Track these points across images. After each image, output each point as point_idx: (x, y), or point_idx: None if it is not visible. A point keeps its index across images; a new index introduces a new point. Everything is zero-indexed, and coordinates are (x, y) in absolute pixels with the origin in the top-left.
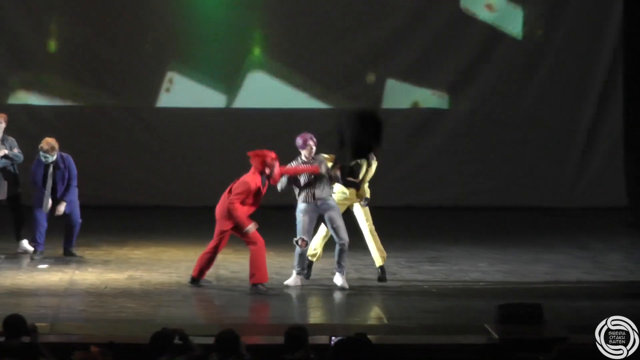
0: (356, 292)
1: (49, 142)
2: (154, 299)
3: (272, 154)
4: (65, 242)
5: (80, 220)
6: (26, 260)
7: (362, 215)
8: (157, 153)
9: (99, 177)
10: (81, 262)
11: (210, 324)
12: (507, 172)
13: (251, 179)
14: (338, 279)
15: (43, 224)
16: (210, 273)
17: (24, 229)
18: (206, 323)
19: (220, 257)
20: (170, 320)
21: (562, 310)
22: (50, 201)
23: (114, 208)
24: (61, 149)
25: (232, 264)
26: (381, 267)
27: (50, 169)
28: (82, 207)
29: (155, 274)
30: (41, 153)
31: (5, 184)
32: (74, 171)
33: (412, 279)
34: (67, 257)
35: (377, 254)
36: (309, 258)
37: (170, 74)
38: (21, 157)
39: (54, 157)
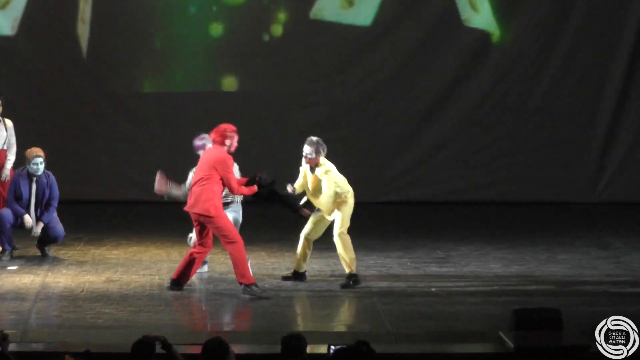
0: (358, 297)
1: (39, 150)
2: (133, 304)
3: (232, 126)
4: (40, 242)
5: (63, 234)
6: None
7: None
8: (136, 142)
9: (72, 168)
10: (54, 262)
11: (196, 331)
12: (519, 164)
13: (222, 151)
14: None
15: (9, 220)
16: (195, 274)
17: None
18: (191, 330)
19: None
20: (151, 327)
21: (582, 315)
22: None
23: (89, 203)
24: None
25: (220, 265)
26: (349, 275)
27: (34, 184)
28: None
29: (134, 276)
30: (33, 162)
31: None
32: (57, 192)
33: (418, 281)
34: (38, 257)
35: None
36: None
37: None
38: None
39: (42, 171)
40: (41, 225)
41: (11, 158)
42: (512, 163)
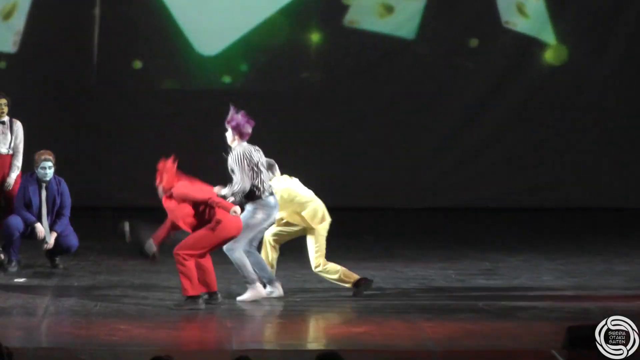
0: (397, 312)
1: (49, 153)
2: (151, 320)
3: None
4: (50, 252)
5: (77, 244)
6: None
7: None
8: (152, 145)
9: (84, 172)
10: (65, 274)
11: (220, 350)
12: (568, 167)
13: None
14: None
15: (18, 228)
16: (220, 288)
17: None
18: (215, 349)
19: (231, 268)
20: (170, 345)
21: None
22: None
23: (103, 209)
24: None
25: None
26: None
27: (43, 190)
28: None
29: (152, 289)
30: (41, 166)
31: None
32: (69, 200)
33: (463, 295)
34: (48, 268)
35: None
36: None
37: None
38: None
39: (51, 176)
40: (54, 235)
41: (17, 164)
42: (560, 166)
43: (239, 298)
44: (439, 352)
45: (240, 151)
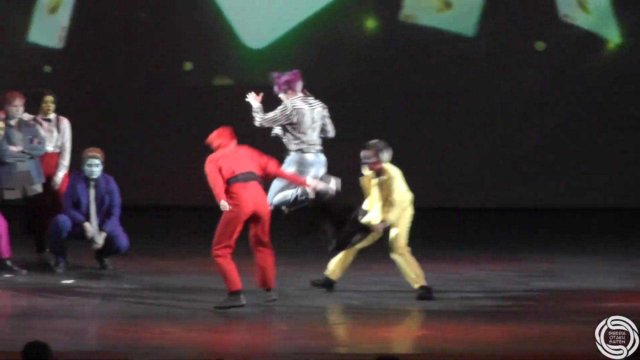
0: (455, 315)
1: (97, 151)
2: (202, 322)
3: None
4: (99, 253)
5: (127, 245)
6: (47, 275)
7: None
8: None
9: (134, 170)
10: (114, 276)
11: (274, 354)
12: (630, 167)
13: None
14: None
15: (66, 227)
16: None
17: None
18: (269, 353)
19: (289, 269)
20: (222, 349)
21: None
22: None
23: (153, 209)
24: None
25: (301, 280)
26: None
27: (92, 189)
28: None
29: (203, 291)
30: (88, 163)
31: (20, 180)
32: (119, 198)
33: (523, 297)
34: (96, 269)
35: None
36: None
37: None
38: (42, 147)
39: (99, 174)
40: (104, 235)
41: (64, 163)
42: (621, 166)
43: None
44: (498, 357)
45: (285, 101)
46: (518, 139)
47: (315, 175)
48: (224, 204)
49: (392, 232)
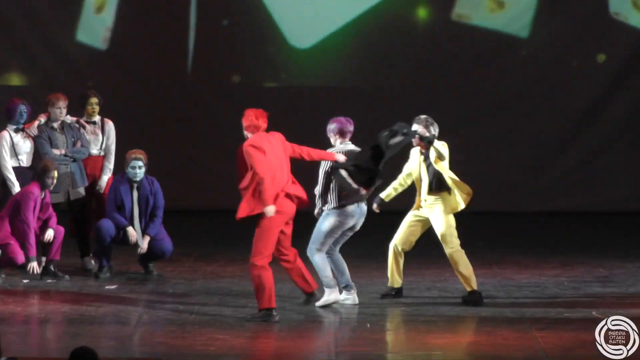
0: (508, 321)
1: (140, 152)
2: (250, 329)
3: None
4: (143, 258)
5: (172, 249)
6: (90, 280)
7: None
8: None
9: (179, 173)
10: (159, 281)
11: None
12: None
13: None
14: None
15: (110, 233)
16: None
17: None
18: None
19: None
20: (270, 357)
21: None
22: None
23: (200, 213)
24: None
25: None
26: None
27: (135, 191)
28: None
29: (251, 297)
30: (131, 165)
31: (63, 184)
32: (162, 200)
33: (577, 303)
34: (141, 274)
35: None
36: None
37: None
38: (86, 150)
39: (142, 176)
40: (147, 239)
41: (109, 166)
42: None
43: (317, 303)
44: None
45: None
46: (575, 141)
47: (354, 227)
48: (271, 210)
49: (439, 226)
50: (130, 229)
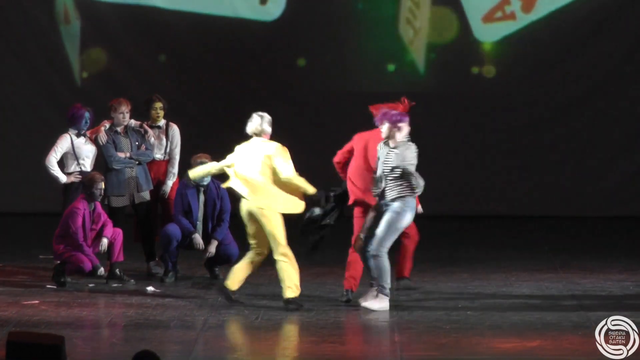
0: (574, 326)
1: (205, 157)
2: (316, 333)
3: None
4: (209, 261)
5: (238, 253)
6: (156, 284)
7: None
8: (316, 145)
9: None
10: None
11: None
12: None
13: None
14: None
15: (177, 237)
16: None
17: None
18: None
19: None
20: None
21: None
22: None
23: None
24: None
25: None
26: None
27: (201, 195)
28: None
29: (317, 300)
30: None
31: (128, 187)
32: (229, 204)
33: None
34: (207, 278)
35: None
36: None
37: None
38: (150, 154)
39: (209, 180)
40: (215, 243)
41: (173, 171)
42: None
43: (363, 303)
44: None
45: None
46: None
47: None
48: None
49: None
50: (196, 236)
